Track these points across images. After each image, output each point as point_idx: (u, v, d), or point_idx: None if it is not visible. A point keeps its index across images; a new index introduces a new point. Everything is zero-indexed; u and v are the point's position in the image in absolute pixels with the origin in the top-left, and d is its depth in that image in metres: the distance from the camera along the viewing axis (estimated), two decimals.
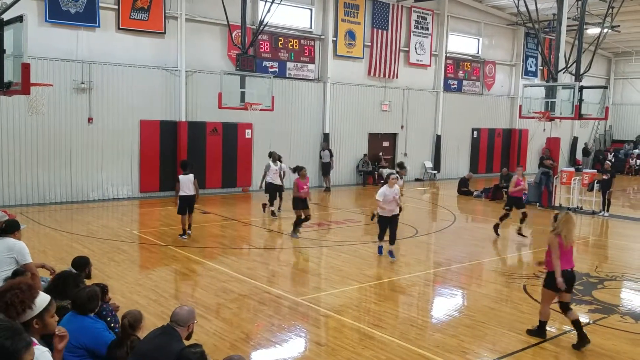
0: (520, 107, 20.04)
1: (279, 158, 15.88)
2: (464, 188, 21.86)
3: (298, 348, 6.98)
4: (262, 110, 17.63)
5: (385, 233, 11.09)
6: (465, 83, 27.81)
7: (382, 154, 24.75)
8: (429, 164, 26.53)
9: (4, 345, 2.63)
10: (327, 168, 21.85)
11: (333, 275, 10.04)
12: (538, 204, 18.73)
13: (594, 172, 20.57)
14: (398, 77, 24.63)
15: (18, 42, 9.10)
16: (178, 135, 18.73)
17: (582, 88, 18.30)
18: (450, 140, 27.19)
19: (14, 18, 9.13)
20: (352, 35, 22.89)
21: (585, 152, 34.28)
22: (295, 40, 21.49)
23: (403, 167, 16.39)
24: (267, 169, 15.56)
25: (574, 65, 19.05)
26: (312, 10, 21.93)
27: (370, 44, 23.55)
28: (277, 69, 20.86)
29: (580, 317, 8.16)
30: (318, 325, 7.68)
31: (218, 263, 10.57)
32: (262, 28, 18.38)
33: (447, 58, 26.55)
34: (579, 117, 18.71)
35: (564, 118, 19.63)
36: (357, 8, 22.88)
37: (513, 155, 30.10)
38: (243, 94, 17.20)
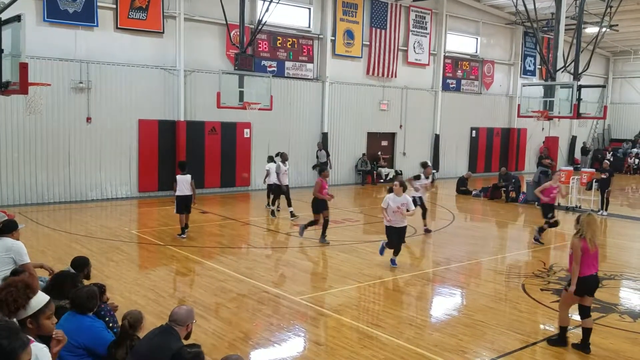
0: (519, 106, 20.03)
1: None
2: (463, 187, 21.87)
3: (297, 347, 6.98)
4: (260, 110, 17.60)
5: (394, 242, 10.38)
6: (464, 82, 27.82)
7: (380, 154, 24.77)
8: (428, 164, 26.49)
9: (1, 345, 2.62)
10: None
11: (332, 275, 10.03)
12: (537, 203, 18.71)
13: (593, 171, 20.62)
14: (396, 76, 24.63)
15: (16, 41, 9.10)
16: (177, 135, 18.72)
17: (580, 87, 18.29)
18: (449, 140, 27.20)
19: (12, 17, 9.13)
20: (350, 35, 22.89)
21: (584, 151, 34.30)
22: (294, 40, 21.48)
23: (427, 165, 15.21)
24: (277, 169, 15.43)
25: (573, 65, 19.06)
26: (310, 10, 21.92)
27: (369, 43, 23.55)
28: (275, 69, 20.85)
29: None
30: (317, 325, 7.68)
31: (217, 262, 10.56)
32: (260, 27, 18.37)
33: (445, 57, 26.56)
34: (578, 116, 18.70)
35: (563, 117, 19.64)
36: (355, 7, 22.88)
37: (511, 155, 30.14)
38: (241, 94, 17.16)
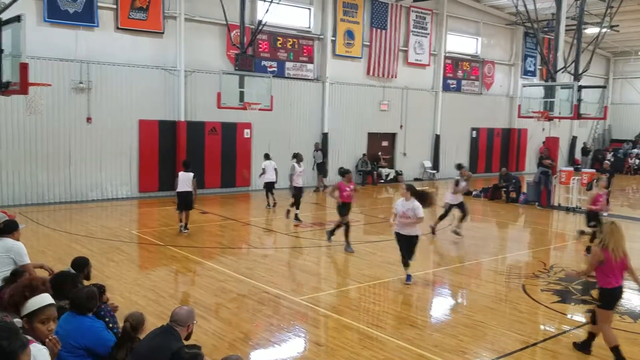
0: (519, 106, 20.03)
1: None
2: None
3: (297, 348, 6.98)
4: (261, 110, 17.62)
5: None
6: (464, 83, 27.81)
7: (381, 154, 24.77)
8: (428, 164, 26.53)
9: (1, 346, 2.62)
10: (322, 168, 21.79)
11: (332, 275, 10.04)
12: (537, 204, 18.76)
13: (593, 171, 20.63)
14: (397, 76, 24.63)
15: (16, 41, 9.12)
16: (177, 135, 18.72)
17: (581, 88, 18.30)
18: (449, 140, 27.20)
19: (12, 18, 9.15)
20: (351, 35, 22.88)
21: (584, 151, 34.29)
22: (294, 40, 21.48)
23: (462, 166, 14.29)
24: (292, 171, 15.03)
25: (573, 65, 19.05)
26: (311, 10, 21.92)
27: (369, 44, 23.55)
28: (276, 69, 20.85)
29: (579, 316, 8.21)
30: (317, 325, 7.68)
31: (217, 263, 10.56)
32: (261, 28, 18.39)
33: (446, 58, 26.55)
34: (578, 116, 18.71)
35: (563, 118, 19.62)
36: (356, 8, 22.88)
37: (512, 155, 30.14)
38: (242, 94, 17.19)
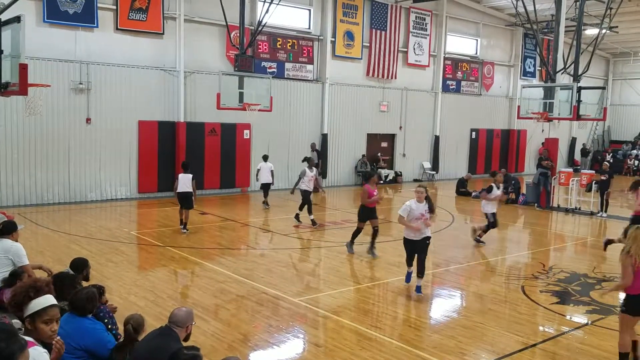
0: (519, 107, 20.04)
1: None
2: (463, 189, 21.88)
3: (296, 349, 6.98)
4: (260, 111, 17.62)
5: (413, 258, 9.15)
6: (464, 84, 27.83)
7: (380, 155, 24.78)
8: (428, 165, 26.54)
9: None
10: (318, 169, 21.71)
11: (331, 276, 10.03)
12: (536, 205, 18.76)
13: (592, 172, 20.60)
14: (396, 77, 24.64)
15: (16, 42, 9.10)
16: (176, 136, 18.71)
17: (580, 89, 18.30)
18: (449, 141, 27.21)
19: (12, 18, 9.14)
20: (350, 36, 22.89)
21: (584, 152, 34.33)
22: (294, 41, 21.49)
23: (497, 173, 13.97)
24: (302, 175, 14.71)
25: (572, 66, 19.06)
26: (310, 11, 21.93)
27: (369, 45, 23.56)
28: (275, 70, 20.85)
29: (578, 317, 8.21)
30: (316, 327, 7.68)
31: (216, 264, 10.56)
32: (260, 28, 18.41)
33: (445, 59, 26.57)
34: (577, 117, 18.71)
35: (562, 119, 19.64)
36: (355, 9, 22.88)
37: (511, 156, 30.17)
38: (241, 95, 17.20)
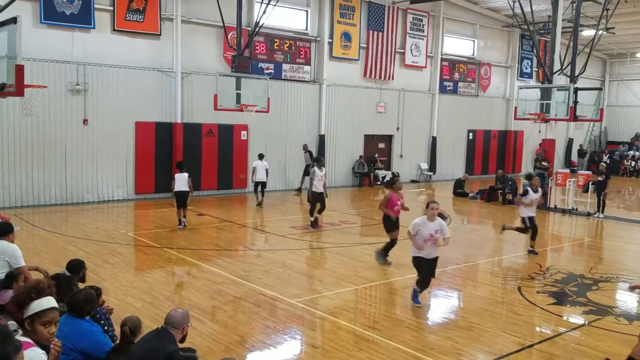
0: (516, 108, 20.04)
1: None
2: (460, 189, 21.91)
3: (293, 350, 6.97)
4: (257, 112, 17.61)
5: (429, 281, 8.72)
6: (461, 85, 27.86)
7: (377, 156, 24.80)
8: (425, 166, 26.55)
9: None
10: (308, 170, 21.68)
11: (328, 278, 10.02)
12: None
13: (589, 173, 20.62)
14: (394, 78, 24.65)
15: (12, 43, 9.10)
16: (173, 137, 18.68)
17: (577, 90, 18.35)
18: (446, 142, 27.24)
19: (8, 19, 9.14)
20: (347, 37, 22.91)
21: (581, 153, 34.39)
22: (291, 42, 21.49)
23: (532, 176, 13.08)
24: (312, 175, 14.33)
25: (569, 67, 19.11)
26: (307, 12, 21.93)
27: (366, 46, 23.57)
28: (272, 71, 20.84)
29: (575, 318, 8.22)
30: (313, 328, 7.68)
31: (213, 265, 10.55)
32: (257, 29, 18.40)
33: (442, 60, 26.59)
34: (574, 118, 18.75)
35: (559, 120, 19.67)
36: (352, 10, 22.90)
37: (508, 157, 30.19)
38: (239, 96, 17.20)
